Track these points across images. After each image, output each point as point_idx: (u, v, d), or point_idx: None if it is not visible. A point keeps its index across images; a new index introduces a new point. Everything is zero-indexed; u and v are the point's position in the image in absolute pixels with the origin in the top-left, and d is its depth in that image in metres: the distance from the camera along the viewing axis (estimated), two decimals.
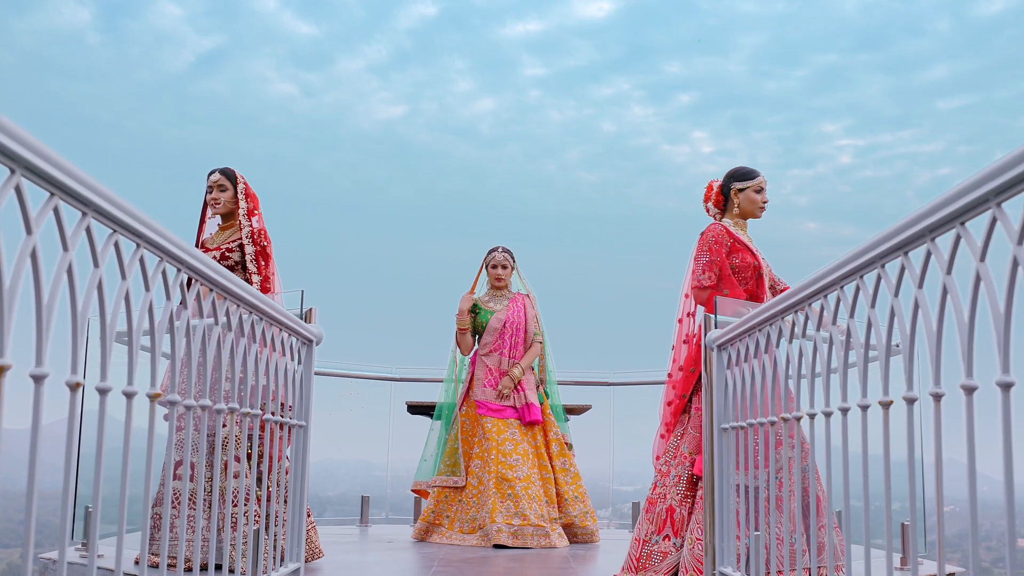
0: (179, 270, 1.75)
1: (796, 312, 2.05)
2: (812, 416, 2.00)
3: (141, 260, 1.70)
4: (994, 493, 1.38)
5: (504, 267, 4.76)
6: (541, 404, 4.64)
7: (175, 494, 3.11)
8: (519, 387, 4.59)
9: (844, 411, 1.88)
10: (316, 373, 6.04)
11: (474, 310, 4.76)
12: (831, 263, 1.89)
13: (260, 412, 2.10)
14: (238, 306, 1.89)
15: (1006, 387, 1.18)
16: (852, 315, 1.88)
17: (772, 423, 2.10)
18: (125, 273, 1.67)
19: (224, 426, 3.14)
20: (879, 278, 1.70)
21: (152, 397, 1.59)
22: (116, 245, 1.62)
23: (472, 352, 4.83)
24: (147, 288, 1.76)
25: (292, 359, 2.38)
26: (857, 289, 1.77)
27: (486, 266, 4.84)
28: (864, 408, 1.80)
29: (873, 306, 1.76)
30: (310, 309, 2.72)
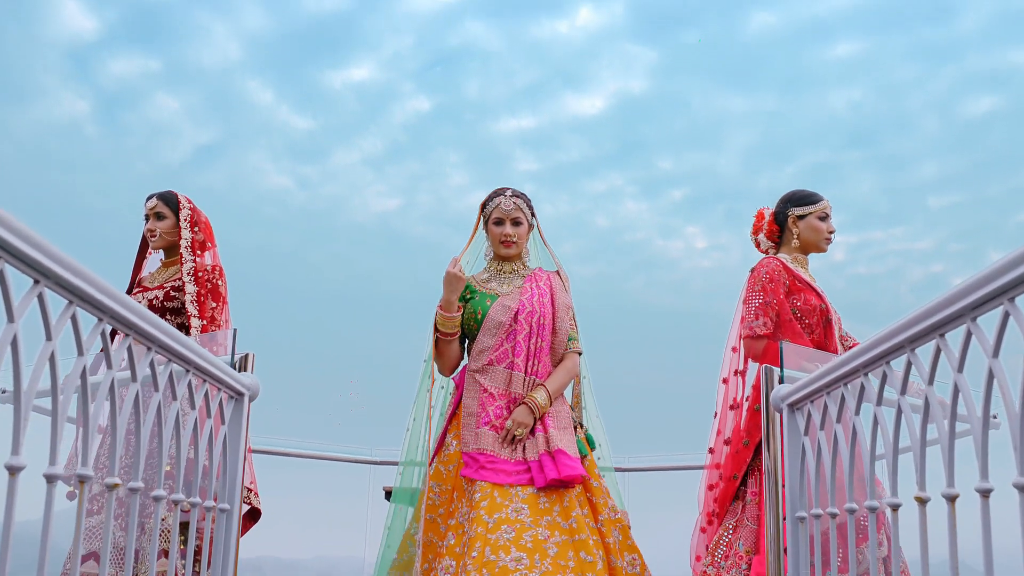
0: (70, 302, 1.30)
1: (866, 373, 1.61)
2: (925, 502, 1.55)
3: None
4: None
5: (516, 222, 2.92)
6: (584, 458, 2.77)
7: None
8: (540, 425, 2.71)
9: (951, 499, 1.43)
10: (285, 455, 5.67)
11: (463, 297, 2.91)
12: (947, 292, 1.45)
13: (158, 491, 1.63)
14: (104, 320, 1.44)
15: None
16: (961, 369, 1.45)
17: (896, 507, 1.61)
18: None
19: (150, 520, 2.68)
20: (1007, 316, 1.27)
21: None
22: None
23: (458, 370, 2.95)
24: (11, 318, 1.32)
25: (209, 416, 1.91)
26: (968, 334, 1.33)
27: (485, 221, 2.99)
28: (985, 494, 1.35)
29: (997, 355, 1.33)
30: (246, 355, 2.24)
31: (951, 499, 1.34)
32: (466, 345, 2.93)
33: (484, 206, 2.97)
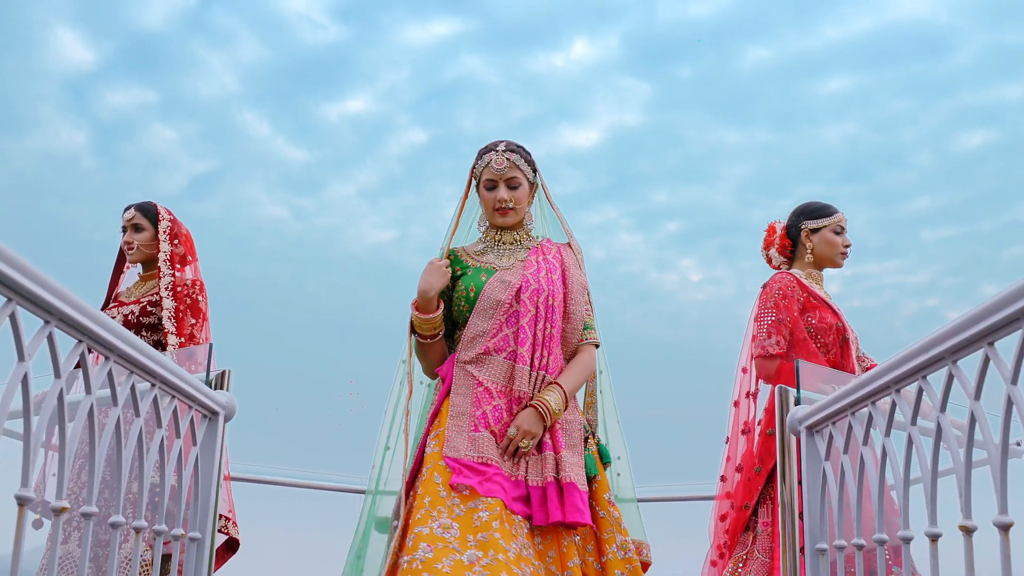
0: (9, 299, 1.16)
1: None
2: (971, 531, 1.40)
3: None
4: None
5: (513, 184, 2.40)
6: (594, 480, 2.22)
7: None
8: (551, 438, 2.17)
9: (1004, 528, 1.27)
10: (280, 484, 5.51)
11: (452, 274, 2.40)
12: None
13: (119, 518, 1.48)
14: (51, 322, 1.30)
15: None
16: (1015, 381, 1.31)
17: (935, 538, 1.45)
18: None
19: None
20: None
21: None
22: None
23: (443, 363, 2.37)
24: None
25: (178, 436, 1.77)
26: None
27: (476, 182, 2.47)
28: None
29: None
30: (223, 372, 2.10)
31: (1004, 528, 1.19)
32: (456, 336, 2.36)
33: (474, 167, 2.46)
